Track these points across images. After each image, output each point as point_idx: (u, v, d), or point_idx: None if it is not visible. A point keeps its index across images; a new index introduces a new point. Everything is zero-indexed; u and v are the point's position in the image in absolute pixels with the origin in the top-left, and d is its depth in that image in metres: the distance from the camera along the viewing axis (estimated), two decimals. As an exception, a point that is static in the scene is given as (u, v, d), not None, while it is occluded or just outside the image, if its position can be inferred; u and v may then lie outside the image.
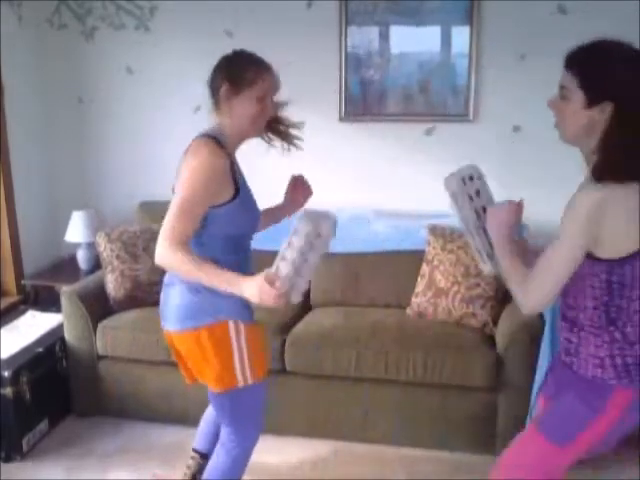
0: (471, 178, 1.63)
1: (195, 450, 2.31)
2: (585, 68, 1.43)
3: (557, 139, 1.57)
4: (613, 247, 1.43)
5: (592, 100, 1.41)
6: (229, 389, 1.88)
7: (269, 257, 1.69)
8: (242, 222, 1.86)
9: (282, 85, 1.82)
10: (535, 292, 1.49)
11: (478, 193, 1.63)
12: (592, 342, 1.53)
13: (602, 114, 1.41)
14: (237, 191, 1.80)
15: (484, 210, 1.63)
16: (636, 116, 1.40)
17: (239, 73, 1.79)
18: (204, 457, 2.25)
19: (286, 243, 1.67)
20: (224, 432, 2.02)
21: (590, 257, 1.46)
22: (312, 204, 2.77)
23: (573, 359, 1.58)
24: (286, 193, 2.12)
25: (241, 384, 1.87)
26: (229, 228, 1.83)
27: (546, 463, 1.62)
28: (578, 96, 1.43)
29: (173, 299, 1.87)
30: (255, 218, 1.95)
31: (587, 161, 1.52)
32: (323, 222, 1.68)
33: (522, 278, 1.52)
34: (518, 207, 1.61)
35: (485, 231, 1.63)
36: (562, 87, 1.47)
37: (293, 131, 2.03)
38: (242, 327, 1.85)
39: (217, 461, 2.03)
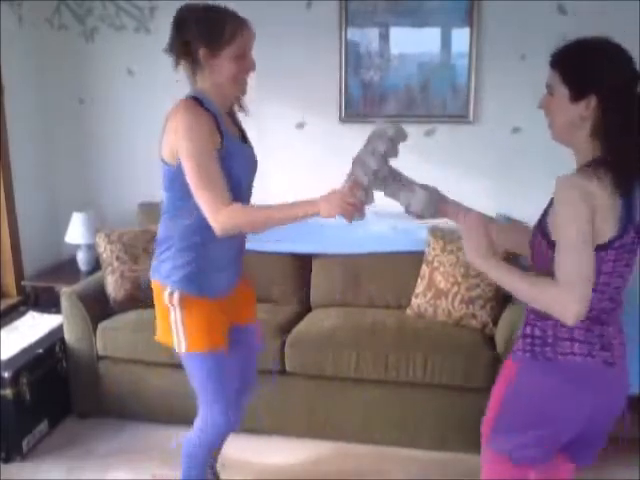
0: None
1: None
2: (567, 63, 1.46)
3: (557, 140, 1.58)
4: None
5: (576, 94, 1.43)
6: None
7: (266, 257, 1.68)
8: (233, 170, 1.79)
9: (280, 84, 1.80)
10: (570, 297, 1.34)
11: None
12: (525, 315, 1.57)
13: (587, 109, 1.42)
14: (222, 141, 1.76)
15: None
16: (620, 107, 1.41)
17: (216, 33, 1.71)
18: None
19: (367, 152, 1.70)
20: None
21: (545, 236, 1.46)
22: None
23: None
24: None
25: (177, 350, 1.91)
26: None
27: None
28: (563, 91, 1.45)
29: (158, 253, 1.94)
30: (248, 168, 1.93)
31: (578, 161, 1.51)
32: (400, 130, 1.73)
33: (537, 287, 1.41)
34: (479, 227, 1.55)
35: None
36: (548, 85, 1.51)
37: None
38: (178, 296, 1.85)
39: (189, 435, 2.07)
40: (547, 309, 1.40)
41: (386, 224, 3.13)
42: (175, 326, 1.88)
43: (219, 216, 1.70)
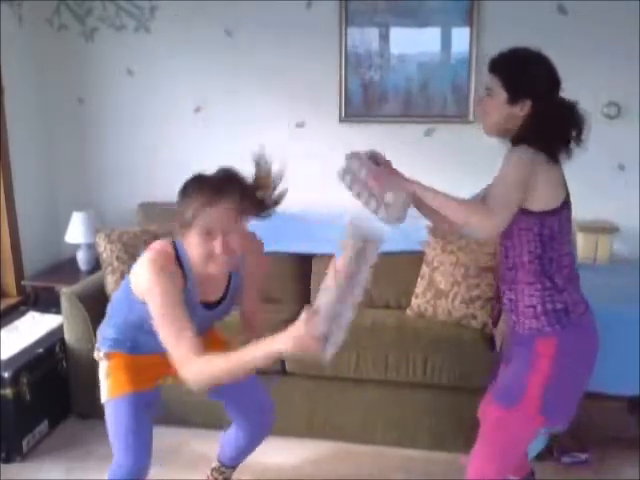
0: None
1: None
2: (507, 71, 1.69)
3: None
4: (542, 200, 1.64)
5: (514, 98, 1.68)
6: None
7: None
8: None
9: (280, 83, 1.78)
10: (492, 217, 1.62)
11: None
12: (526, 293, 1.69)
13: (522, 111, 1.68)
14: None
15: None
16: (549, 109, 1.66)
17: (183, 206, 1.63)
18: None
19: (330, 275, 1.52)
20: None
21: (524, 212, 1.65)
22: (312, 206, 2.75)
23: (513, 317, 1.74)
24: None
25: (102, 400, 2.04)
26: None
27: (506, 430, 1.73)
28: (501, 95, 1.69)
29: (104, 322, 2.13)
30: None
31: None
32: (370, 243, 1.50)
33: (465, 202, 1.71)
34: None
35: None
36: (487, 88, 1.73)
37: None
38: (104, 351, 2.04)
39: None
40: (467, 219, 1.64)
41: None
42: (101, 378, 2.03)
43: (189, 369, 1.61)
